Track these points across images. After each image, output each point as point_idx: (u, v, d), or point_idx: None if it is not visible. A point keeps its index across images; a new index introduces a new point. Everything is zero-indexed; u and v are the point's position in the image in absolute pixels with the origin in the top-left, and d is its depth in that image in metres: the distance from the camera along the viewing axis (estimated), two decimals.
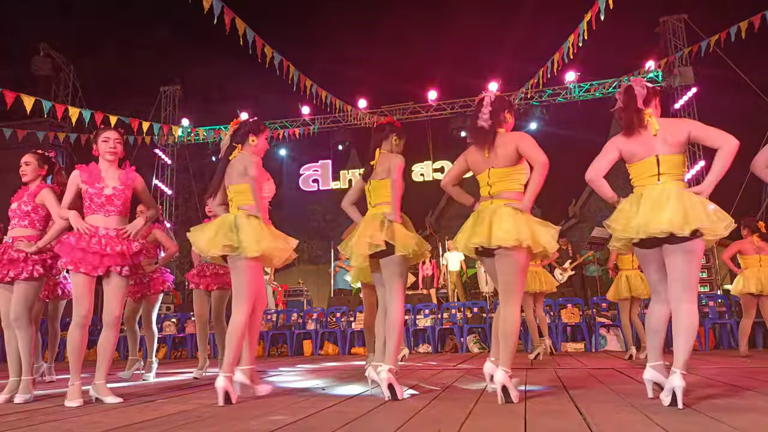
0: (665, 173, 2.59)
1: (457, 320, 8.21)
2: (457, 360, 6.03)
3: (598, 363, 5.15)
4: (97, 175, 3.27)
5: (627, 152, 2.71)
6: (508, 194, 2.84)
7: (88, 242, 3.11)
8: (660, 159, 2.60)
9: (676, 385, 2.34)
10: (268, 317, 8.89)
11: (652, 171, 2.62)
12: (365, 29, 18.32)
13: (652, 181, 2.62)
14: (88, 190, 3.24)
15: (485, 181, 2.91)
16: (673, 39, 11.61)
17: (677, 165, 2.61)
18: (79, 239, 3.12)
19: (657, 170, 2.60)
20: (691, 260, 2.50)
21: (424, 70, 15.49)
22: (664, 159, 2.60)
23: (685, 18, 11.62)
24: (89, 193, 3.24)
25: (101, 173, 3.29)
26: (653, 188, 2.59)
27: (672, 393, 2.36)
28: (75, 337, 3.11)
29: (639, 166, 2.67)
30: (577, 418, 2.24)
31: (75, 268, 3.10)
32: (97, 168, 3.31)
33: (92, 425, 2.39)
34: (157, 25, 19.15)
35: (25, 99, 8.62)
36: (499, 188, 2.86)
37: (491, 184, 2.88)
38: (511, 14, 15.46)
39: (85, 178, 3.26)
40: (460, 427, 2.10)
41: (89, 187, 3.24)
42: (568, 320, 7.70)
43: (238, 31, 7.74)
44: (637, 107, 2.70)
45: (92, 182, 3.25)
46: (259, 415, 2.51)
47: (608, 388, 3.15)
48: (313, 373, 4.91)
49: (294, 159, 15.28)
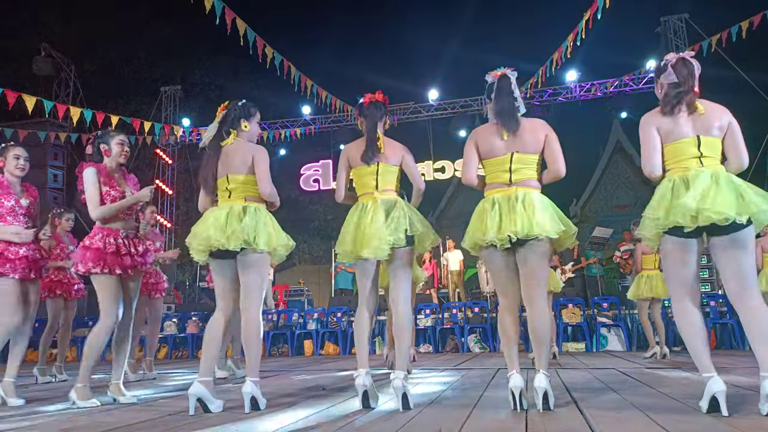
0: (708, 156, 2.36)
1: (458, 320, 8.21)
2: (458, 360, 6.04)
3: (599, 363, 5.14)
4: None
5: (664, 131, 2.44)
6: (533, 182, 2.62)
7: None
8: (701, 140, 2.37)
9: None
10: (268, 317, 8.90)
11: (693, 153, 2.37)
12: (366, 29, 18.33)
13: (694, 163, 2.36)
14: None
15: (504, 166, 2.63)
16: (673, 38, 11.59)
17: (718, 149, 2.39)
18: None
19: (699, 152, 2.36)
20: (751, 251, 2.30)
21: (424, 70, 15.51)
22: (706, 141, 2.37)
23: (685, 17, 11.60)
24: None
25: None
26: (699, 170, 2.32)
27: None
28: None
29: (677, 146, 2.41)
30: (578, 418, 2.24)
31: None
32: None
33: (93, 425, 2.40)
34: (158, 26, 19.16)
35: (27, 99, 8.63)
36: (523, 175, 2.61)
37: (514, 170, 2.61)
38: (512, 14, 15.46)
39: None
40: (461, 427, 2.10)
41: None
42: (569, 320, 7.70)
43: (239, 31, 7.75)
44: (694, 86, 2.44)
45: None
46: (260, 415, 2.51)
47: (610, 388, 3.15)
48: (314, 373, 4.91)
49: (295, 159, 15.28)
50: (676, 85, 2.44)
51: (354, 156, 2.95)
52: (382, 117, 3.02)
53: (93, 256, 3.12)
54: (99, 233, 3.19)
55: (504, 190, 2.61)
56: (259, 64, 8.67)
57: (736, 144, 2.39)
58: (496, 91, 2.70)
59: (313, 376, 4.58)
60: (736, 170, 2.39)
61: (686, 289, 2.37)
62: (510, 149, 2.62)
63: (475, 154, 2.72)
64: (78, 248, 3.22)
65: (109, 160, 3.36)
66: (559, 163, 2.61)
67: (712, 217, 2.19)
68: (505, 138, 2.63)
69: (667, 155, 2.44)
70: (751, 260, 2.30)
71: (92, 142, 3.40)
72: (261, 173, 2.85)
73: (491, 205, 2.59)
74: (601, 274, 9.96)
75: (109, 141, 3.36)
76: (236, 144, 2.92)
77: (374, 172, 2.90)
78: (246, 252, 2.76)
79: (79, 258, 3.15)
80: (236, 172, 2.86)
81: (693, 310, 2.35)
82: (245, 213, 2.78)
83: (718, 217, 2.19)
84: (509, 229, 2.48)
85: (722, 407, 2.15)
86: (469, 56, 15.94)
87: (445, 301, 9.65)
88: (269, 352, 8.58)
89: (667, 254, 2.41)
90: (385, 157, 2.91)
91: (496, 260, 2.64)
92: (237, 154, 2.88)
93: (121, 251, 3.18)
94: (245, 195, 2.86)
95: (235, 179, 2.86)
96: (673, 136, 2.41)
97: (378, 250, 2.71)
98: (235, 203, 2.83)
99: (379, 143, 2.90)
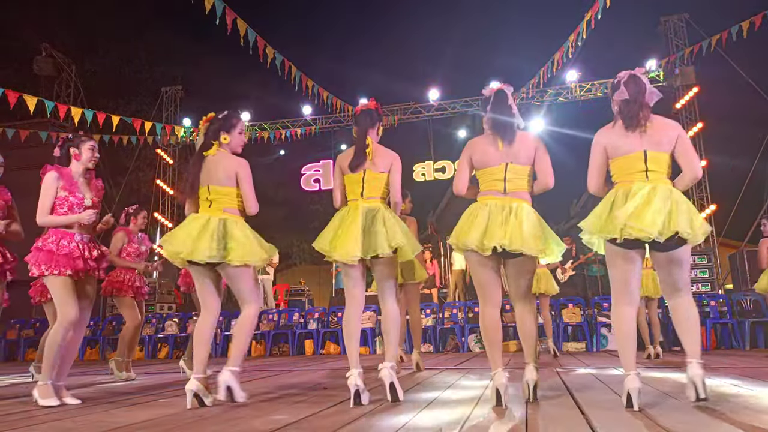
0: (653, 170, 2.47)
1: (458, 320, 8.22)
2: (459, 360, 6.04)
3: (599, 363, 5.15)
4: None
5: (611, 146, 2.57)
6: (525, 194, 2.75)
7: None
8: (648, 155, 2.47)
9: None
10: (269, 317, 8.92)
11: (640, 167, 2.48)
12: (366, 29, 18.34)
13: (640, 177, 2.48)
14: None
15: (499, 175, 2.73)
16: (674, 38, 11.59)
17: (665, 163, 2.50)
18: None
19: (645, 166, 2.47)
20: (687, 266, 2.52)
21: (425, 70, 15.51)
22: (653, 155, 2.47)
23: (686, 17, 11.60)
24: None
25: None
26: (641, 185, 2.44)
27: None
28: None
29: (625, 161, 2.52)
30: (579, 418, 2.25)
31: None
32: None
33: (94, 424, 2.40)
34: (158, 26, 19.18)
35: (28, 99, 8.64)
36: (517, 186, 2.73)
37: (509, 180, 2.72)
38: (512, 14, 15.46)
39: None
40: (461, 427, 2.11)
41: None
42: (569, 320, 7.71)
43: (239, 31, 7.76)
44: (644, 101, 2.55)
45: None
46: (261, 415, 2.51)
47: (610, 388, 3.16)
48: (315, 372, 4.92)
49: (295, 159, 15.29)
50: (626, 102, 2.55)
51: (345, 164, 3.04)
52: (374, 124, 3.09)
53: (45, 257, 3.13)
54: (53, 235, 3.20)
55: (499, 198, 2.71)
56: (260, 64, 8.68)
57: (688, 156, 2.49)
58: (493, 104, 2.83)
59: (314, 375, 4.58)
60: (691, 180, 2.51)
61: (624, 294, 2.51)
62: (504, 159, 2.75)
63: (469, 166, 2.86)
64: (32, 251, 3.21)
65: (77, 164, 3.34)
66: (549, 176, 2.78)
67: (633, 234, 2.34)
68: (500, 148, 2.75)
69: (614, 169, 2.58)
70: (686, 274, 2.51)
71: (61, 144, 3.36)
72: (247, 192, 2.99)
73: (483, 210, 2.69)
74: (601, 274, 9.97)
75: (80, 145, 3.34)
76: (219, 155, 3.03)
77: (360, 180, 2.97)
78: (223, 265, 2.90)
79: (32, 260, 3.15)
80: (218, 183, 2.97)
81: (630, 315, 2.50)
82: (221, 227, 2.89)
83: (640, 234, 2.33)
84: (497, 239, 2.58)
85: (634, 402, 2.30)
86: (469, 56, 15.94)
87: (445, 301, 9.65)
88: (270, 352, 8.59)
89: (608, 261, 2.57)
90: (373, 164, 2.98)
91: (478, 261, 2.73)
92: (219, 166, 2.98)
93: (74, 254, 3.18)
94: (224, 206, 2.96)
95: (216, 190, 2.97)
96: (621, 151, 2.54)
97: (347, 255, 2.82)
98: (214, 215, 2.94)
99: (367, 150, 2.98)
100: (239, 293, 2.99)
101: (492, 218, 2.64)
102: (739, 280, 9.02)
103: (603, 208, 2.52)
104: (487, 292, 2.75)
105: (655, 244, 2.39)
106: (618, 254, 2.50)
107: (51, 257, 3.13)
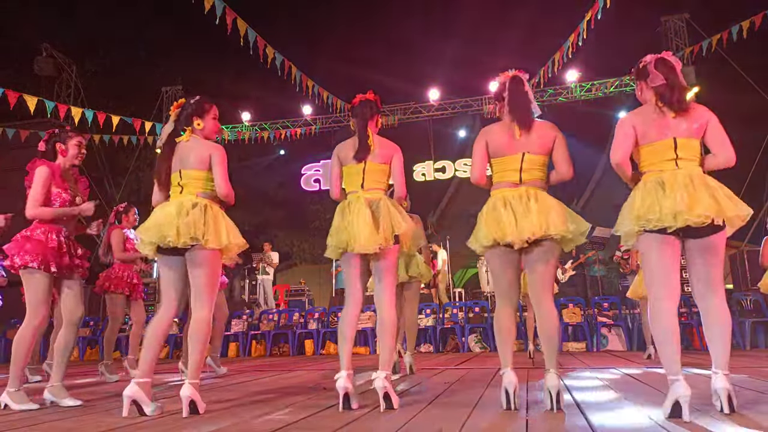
0: (683, 158, 2.36)
1: (458, 320, 8.22)
2: (459, 360, 6.04)
3: (599, 363, 5.15)
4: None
5: (640, 130, 2.43)
6: (541, 184, 2.64)
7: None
8: (678, 142, 2.37)
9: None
10: (269, 317, 8.92)
11: (670, 155, 2.37)
12: (367, 29, 18.32)
13: (670, 166, 2.37)
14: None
15: (515, 165, 2.62)
16: (674, 38, 11.59)
17: (695, 150, 2.39)
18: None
19: (675, 154, 2.36)
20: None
21: (425, 70, 15.51)
22: (682, 142, 2.36)
23: (686, 17, 11.60)
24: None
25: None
26: (675, 173, 2.33)
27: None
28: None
29: (653, 148, 2.41)
30: (579, 418, 2.25)
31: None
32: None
33: (94, 424, 2.40)
34: (158, 26, 19.17)
35: (28, 99, 8.65)
36: (534, 176, 2.62)
37: (524, 170, 2.61)
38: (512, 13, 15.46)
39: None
40: (461, 427, 2.11)
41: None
42: (569, 320, 7.70)
43: (239, 31, 7.76)
44: (681, 82, 2.40)
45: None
46: (261, 415, 2.51)
47: (610, 388, 3.15)
48: (315, 372, 4.92)
49: (295, 159, 15.29)
50: (666, 86, 2.41)
51: (344, 154, 2.97)
52: (373, 115, 3.02)
53: (33, 248, 2.99)
54: (40, 228, 3.08)
55: (514, 190, 2.60)
56: (260, 64, 8.69)
57: (722, 139, 2.38)
58: (510, 90, 2.70)
59: (314, 375, 4.58)
60: (725, 163, 2.38)
61: (665, 287, 2.34)
62: (521, 149, 2.62)
63: (485, 152, 2.70)
64: (16, 239, 3.06)
65: (64, 160, 3.26)
66: (568, 165, 2.64)
67: (691, 220, 2.21)
68: (518, 137, 2.62)
69: (643, 156, 2.45)
70: (720, 268, 2.34)
71: (47, 139, 3.28)
72: (219, 174, 2.80)
73: (503, 204, 2.57)
74: (601, 274, 9.96)
75: (67, 141, 3.26)
76: (192, 142, 2.87)
77: (361, 171, 2.90)
78: (195, 249, 2.69)
79: (16, 249, 3.00)
80: (190, 168, 2.81)
81: (672, 310, 2.30)
82: (195, 208, 2.72)
83: (697, 220, 2.21)
84: (528, 230, 2.47)
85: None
86: (469, 56, 15.92)
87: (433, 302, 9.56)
88: (270, 352, 8.59)
89: (648, 252, 2.38)
90: (375, 155, 2.91)
91: (502, 260, 2.62)
92: (192, 152, 2.83)
93: (62, 249, 3.08)
94: (197, 191, 2.79)
95: (187, 174, 2.81)
96: (649, 137, 2.42)
97: (368, 242, 2.71)
98: (186, 198, 2.77)
99: (369, 141, 2.90)
100: (197, 288, 2.73)
101: (515, 210, 2.54)
102: (740, 280, 9.02)
103: (642, 199, 2.35)
104: (510, 292, 2.65)
105: (690, 232, 2.28)
106: (660, 241, 2.32)
107: (40, 248, 2.99)
